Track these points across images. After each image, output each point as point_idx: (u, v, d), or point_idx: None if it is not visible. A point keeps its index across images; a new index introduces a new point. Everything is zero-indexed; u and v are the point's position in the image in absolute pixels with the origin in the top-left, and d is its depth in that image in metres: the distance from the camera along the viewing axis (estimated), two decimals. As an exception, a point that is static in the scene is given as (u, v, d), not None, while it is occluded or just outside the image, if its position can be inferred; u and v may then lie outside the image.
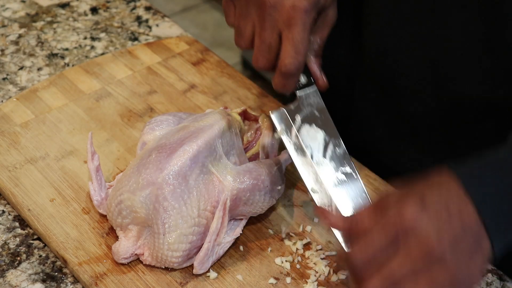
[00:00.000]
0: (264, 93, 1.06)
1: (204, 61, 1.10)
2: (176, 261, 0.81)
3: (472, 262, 0.69)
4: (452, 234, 0.68)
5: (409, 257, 0.67)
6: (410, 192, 0.70)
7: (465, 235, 0.68)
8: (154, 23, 1.18)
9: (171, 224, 0.80)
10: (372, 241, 0.69)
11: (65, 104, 1.01)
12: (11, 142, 0.95)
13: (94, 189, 0.87)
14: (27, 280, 0.82)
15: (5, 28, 1.15)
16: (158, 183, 0.81)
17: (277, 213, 0.90)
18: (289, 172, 0.94)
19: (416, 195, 0.69)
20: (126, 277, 0.82)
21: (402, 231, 0.68)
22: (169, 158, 0.82)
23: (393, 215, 0.69)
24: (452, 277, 0.67)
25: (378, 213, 0.70)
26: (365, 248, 0.69)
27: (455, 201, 0.69)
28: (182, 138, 0.85)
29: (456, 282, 0.68)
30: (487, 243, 0.69)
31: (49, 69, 1.08)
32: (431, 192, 0.70)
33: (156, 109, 1.02)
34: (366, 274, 0.68)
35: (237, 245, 0.86)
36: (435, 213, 0.68)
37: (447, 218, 0.68)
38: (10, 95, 1.04)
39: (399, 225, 0.68)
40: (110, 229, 0.86)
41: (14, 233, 0.87)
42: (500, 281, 0.86)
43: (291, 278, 0.83)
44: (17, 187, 0.90)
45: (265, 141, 0.91)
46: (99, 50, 1.13)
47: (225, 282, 0.82)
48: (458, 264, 0.68)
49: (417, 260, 0.67)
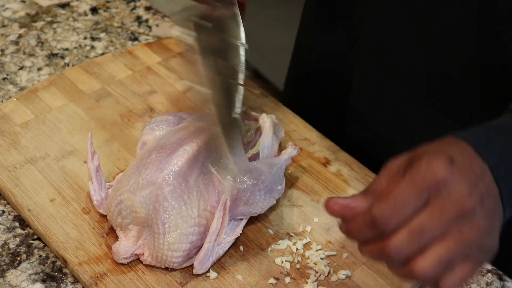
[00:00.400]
0: (264, 93, 1.06)
1: (204, 61, 1.10)
2: (176, 261, 0.81)
3: (495, 224, 0.68)
4: (479, 194, 0.66)
5: (441, 212, 0.65)
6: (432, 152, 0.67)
7: (488, 196, 0.67)
8: (154, 23, 1.19)
9: (171, 224, 0.80)
10: (400, 195, 0.65)
11: (65, 104, 1.01)
12: (11, 142, 0.95)
13: (94, 189, 0.87)
14: (27, 280, 0.82)
15: (5, 28, 1.15)
16: (158, 183, 0.81)
17: (277, 213, 0.90)
18: (289, 172, 0.94)
19: (442, 153, 0.67)
20: (126, 277, 0.82)
21: (434, 186, 0.65)
22: (169, 158, 0.82)
23: (423, 170, 0.66)
24: (480, 236, 0.66)
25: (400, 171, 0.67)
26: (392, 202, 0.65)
27: (476, 162, 0.68)
28: (182, 138, 0.85)
29: (482, 242, 0.66)
30: (501, 207, 0.69)
31: (49, 69, 1.08)
32: (454, 152, 0.68)
33: (156, 109, 1.02)
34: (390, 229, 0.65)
35: (237, 245, 0.86)
36: (464, 172, 0.67)
37: (474, 178, 0.67)
38: (10, 95, 1.04)
39: (430, 180, 0.65)
40: (110, 229, 0.86)
41: (14, 233, 0.87)
42: (500, 281, 0.86)
43: (291, 278, 0.83)
44: (17, 187, 0.90)
45: (265, 141, 0.91)
46: (99, 50, 1.13)
47: (225, 282, 0.82)
48: (485, 224, 0.66)
49: (448, 215, 0.65)
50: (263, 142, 0.91)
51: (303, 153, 0.97)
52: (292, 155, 0.93)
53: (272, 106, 1.04)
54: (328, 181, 0.94)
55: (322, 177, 0.95)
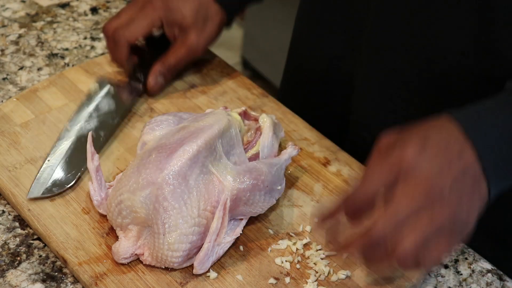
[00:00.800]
0: (264, 93, 1.06)
1: (204, 61, 1.10)
2: (176, 261, 0.81)
3: (471, 203, 0.71)
4: (452, 174, 0.70)
5: (410, 195, 0.69)
6: (411, 134, 0.72)
7: (465, 176, 0.70)
8: (154, 23, 1.18)
9: (171, 224, 0.80)
10: (372, 181, 0.71)
11: (65, 104, 1.01)
12: (11, 142, 0.95)
13: (94, 189, 0.87)
14: (27, 280, 0.82)
15: (5, 28, 1.15)
16: (158, 183, 0.81)
17: (277, 213, 0.90)
18: (289, 172, 0.94)
19: (417, 137, 0.71)
20: (126, 277, 0.82)
21: (402, 171, 0.70)
22: (169, 158, 0.82)
23: (394, 156, 0.71)
24: (451, 215, 0.69)
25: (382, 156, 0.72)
26: (365, 188, 0.71)
27: (455, 143, 0.71)
28: (182, 138, 0.85)
29: (455, 220, 0.70)
30: (484, 185, 0.71)
31: (49, 69, 1.08)
32: (432, 134, 0.72)
33: (156, 109, 1.02)
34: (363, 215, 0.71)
35: (237, 245, 0.86)
36: (436, 154, 0.70)
37: (448, 159, 0.70)
38: (10, 95, 1.04)
39: (399, 165, 0.70)
40: (110, 229, 0.86)
41: (14, 233, 0.87)
42: (500, 281, 0.86)
43: (291, 278, 0.83)
44: (17, 187, 0.90)
45: (265, 141, 0.91)
46: (99, 50, 1.13)
47: (225, 282, 0.82)
48: (457, 203, 0.70)
49: (417, 198, 0.69)
50: (263, 142, 0.91)
51: (303, 153, 0.97)
52: (292, 155, 0.93)
53: (272, 106, 1.04)
54: (328, 181, 0.94)
55: (322, 177, 0.95)
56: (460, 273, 0.86)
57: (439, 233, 0.69)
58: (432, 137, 0.72)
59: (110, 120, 0.97)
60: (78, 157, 0.92)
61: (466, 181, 0.71)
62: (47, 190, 0.88)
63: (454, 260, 0.88)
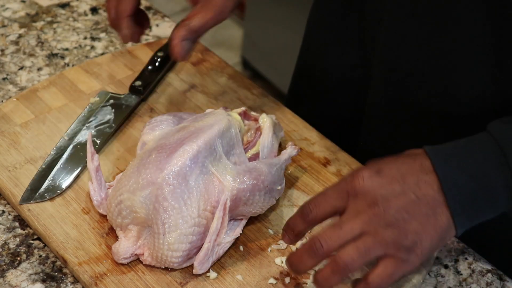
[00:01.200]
0: (264, 93, 1.06)
1: (204, 61, 1.10)
2: (176, 261, 0.81)
3: (422, 231, 0.72)
4: (402, 200, 0.72)
5: (356, 212, 0.72)
6: (374, 163, 0.75)
7: (419, 202, 0.72)
8: (154, 23, 1.19)
9: (171, 224, 0.80)
10: (324, 200, 0.75)
11: (65, 104, 1.01)
12: (11, 142, 0.95)
13: (94, 189, 0.87)
14: (27, 280, 0.82)
15: (5, 28, 1.15)
16: (158, 183, 0.81)
17: (277, 213, 0.90)
18: (289, 172, 0.94)
19: (377, 164, 0.74)
20: (126, 277, 0.82)
21: (353, 191, 0.73)
22: (169, 158, 0.82)
23: (347, 177, 0.74)
24: (395, 239, 0.71)
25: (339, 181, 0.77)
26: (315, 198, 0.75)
27: (418, 173, 0.73)
28: (182, 138, 0.85)
29: (399, 246, 0.71)
30: (445, 217, 0.72)
31: (49, 69, 1.08)
32: (392, 162, 0.74)
33: (156, 109, 1.02)
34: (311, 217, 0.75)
35: (237, 245, 0.86)
36: (390, 180, 0.73)
37: (402, 186, 0.72)
38: (10, 95, 1.04)
39: (349, 186, 0.73)
40: (110, 229, 0.86)
41: (14, 233, 0.87)
42: (500, 281, 0.86)
43: (291, 278, 0.83)
44: (17, 187, 0.90)
45: (265, 141, 0.91)
46: (99, 50, 1.13)
47: (225, 282, 0.82)
48: (403, 228, 0.71)
49: (362, 216, 0.72)
50: (263, 142, 0.91)
51: (303, 153, 0.97)
52: (292, 155, 0.93)
53: (272, 106, 1.04)
54: (328, 181, 0.94)
55: (322, 177, 0.95)
56: (460, 273, 0.86)
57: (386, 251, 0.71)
58: (390, 164, 0.74)
59: (107, 129, 0.97)
60: (72, 163, 0.92)
61: (419, 209, 0.72)
62: (39, 196, 0.88)
63: (454, 260, 0.88)
